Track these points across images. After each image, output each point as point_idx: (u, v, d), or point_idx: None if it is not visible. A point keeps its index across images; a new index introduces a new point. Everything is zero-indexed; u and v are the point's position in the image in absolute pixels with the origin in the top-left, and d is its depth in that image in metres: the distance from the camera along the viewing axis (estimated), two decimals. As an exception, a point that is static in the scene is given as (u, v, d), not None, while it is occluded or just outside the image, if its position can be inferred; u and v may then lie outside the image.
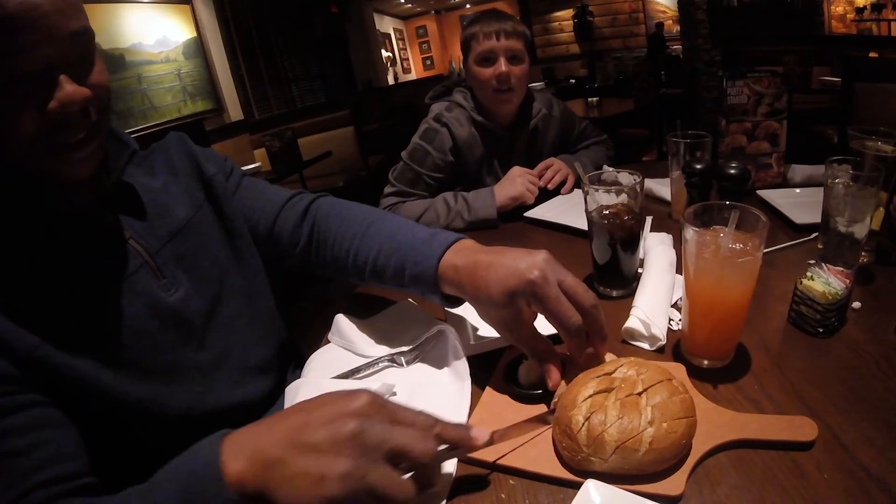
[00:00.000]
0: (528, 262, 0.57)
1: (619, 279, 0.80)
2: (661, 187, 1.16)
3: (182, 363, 0.64)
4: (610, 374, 0.53)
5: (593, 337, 0.57)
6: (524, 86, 1.33)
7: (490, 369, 0.65)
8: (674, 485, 0.46)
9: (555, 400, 0.55)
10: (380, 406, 0.44)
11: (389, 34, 9.36)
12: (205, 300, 0.69)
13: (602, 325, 0.57)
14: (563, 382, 0.57)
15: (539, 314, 0.58)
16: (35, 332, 0.52)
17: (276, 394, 0.75)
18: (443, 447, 0.46)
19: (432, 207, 1.20)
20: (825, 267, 0.65)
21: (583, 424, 0.48)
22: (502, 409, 0.58)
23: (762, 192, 1.07)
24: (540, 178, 1.29)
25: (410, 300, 0.82)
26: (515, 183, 1.22)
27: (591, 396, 0.50)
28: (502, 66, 1.25)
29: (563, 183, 1.30)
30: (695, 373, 0.60)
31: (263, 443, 0.42)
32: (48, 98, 0.49)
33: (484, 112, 1.33)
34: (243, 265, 0.77)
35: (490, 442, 0.49)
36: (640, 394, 0.49)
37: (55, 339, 0.53)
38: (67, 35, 0.50)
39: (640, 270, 0.80)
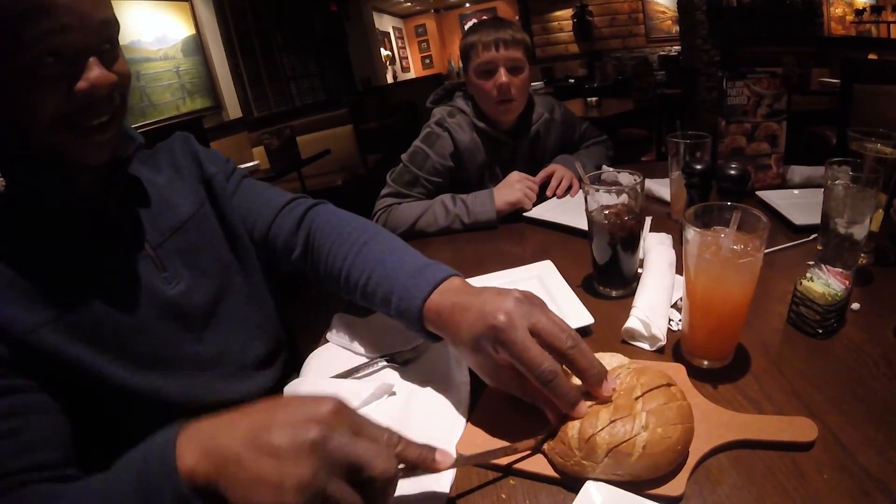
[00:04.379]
0: (495, 305, 0.53)
1: (618, 279, 0.80)
2: (661, 188, 1.16)
3: (179, 355, 0.65)
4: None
5: (582, 380, 0.51)
6: (525, 94, 1.32)
7: (490, 369, 0.65)
8: (674, 485, 0.46)
9: (541, 437, 0.51)
10: (345, 416, 0.41)
11: (388, 33, 9.36)
12: (205, 296, 0.70)
13: (587, 367, 0.50)
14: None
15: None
16: (31, 315, 0.53)
17: (273, 392, 0.75)
18: (401, 466, 0.44)
19: (430, 210, 1.20)
20: (824, 268, 0.65)
21: (575, 428, 0.48)
22: (501, 409, 0.58)
23: (761, 193, 1.07)
24: (543, 186, 1.29)
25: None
26: (514, 188, 1.21)
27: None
28: (502, 77, 1.24)
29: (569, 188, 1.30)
30: (695, 373, 0.60)
31: (222, 438, 0.40)
32: (76, 78, 0.52)
33: (485, 118, 1.33)
34: (243, 265, 0.77)
35: (454, 466, 0.46)
36: (636, 398, 0.49)
37: (52, 323, 0.54)
38: (98, 22, 0.53)
39: (639, 270, 0.80)
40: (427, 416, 0.59)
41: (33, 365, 0.52)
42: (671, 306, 0.72)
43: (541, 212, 1.19)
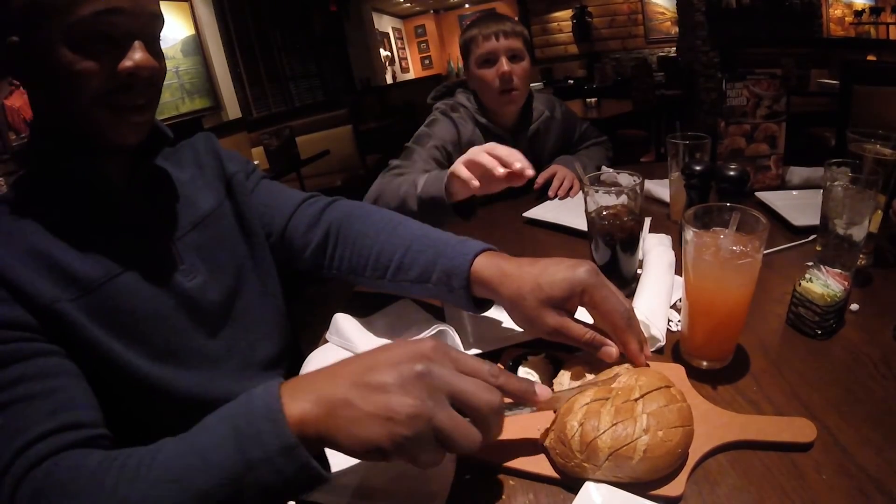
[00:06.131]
0: (577, 262, 0.59)
1: (618, 280, 0.80)
2: (660, 188, 1.16)
3: (192, 348, 0.66)
4: (608, 383, 0.52)
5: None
6: (527, 84, 1.33)
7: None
8: (674, 486, 0.46)
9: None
10: (444, 352, 0.44)
11: (388, 33, 9.35)
12: (220, 291, 0.71)
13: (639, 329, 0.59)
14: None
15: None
16: (54, 289, 0.55)
17: None
18: (505, 401, 0.46)
19: (400, 180, 1.07)
20: (823, 269, 0.66)
21: (577, 430, 0.48)
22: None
23: (760, 194, 1.07)
24: (545, 187, 1.29)
25: (409, 300, 0.82)
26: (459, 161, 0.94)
27: (587, 404, 0.50)
28: (504, 65, 1.25)
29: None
30: (694, 374, 0.60)
31: (326, 386, 0.43)
32: (121, 59, 0.55)
33: (487, 114, 1.33)
34: (257, 263, 0.78)
35: (552, 402, 0.49)
36: (636, 400, 0.49)
37: (72, 301, 0.56)
38: (148, 13, 0.57)
39: (639, 271, 0.80)
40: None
41: (58, 333, 0.54)
42: (670, 307, 0.72)
43: (541, 212, 1.19)
